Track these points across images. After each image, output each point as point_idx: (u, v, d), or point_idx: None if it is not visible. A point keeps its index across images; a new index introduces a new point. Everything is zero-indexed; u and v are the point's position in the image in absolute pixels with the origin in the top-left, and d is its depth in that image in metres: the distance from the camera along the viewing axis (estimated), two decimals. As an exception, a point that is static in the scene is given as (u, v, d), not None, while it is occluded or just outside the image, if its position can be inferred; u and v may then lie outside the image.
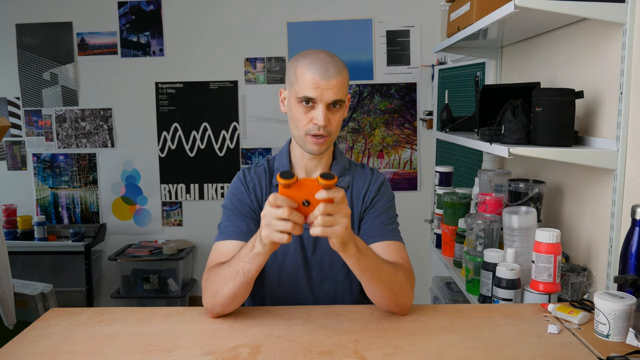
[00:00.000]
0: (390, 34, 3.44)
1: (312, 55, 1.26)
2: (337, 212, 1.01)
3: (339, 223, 1.01)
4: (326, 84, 1.23)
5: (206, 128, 3.58)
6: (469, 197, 2.00)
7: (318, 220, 1.00)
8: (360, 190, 1.38)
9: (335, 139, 1.33)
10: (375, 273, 1.14)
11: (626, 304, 1.07)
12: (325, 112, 1.24)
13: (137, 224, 3.69)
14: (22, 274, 3.20)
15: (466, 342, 1.08)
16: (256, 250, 1.09)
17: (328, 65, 1.24)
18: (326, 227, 1.01)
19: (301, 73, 1.25)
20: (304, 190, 1.01)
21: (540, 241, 1.32)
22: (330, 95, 1.24)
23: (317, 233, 1.01)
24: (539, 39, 1.83)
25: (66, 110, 3.61)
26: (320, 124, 1.24)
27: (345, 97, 1.29)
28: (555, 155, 1.37)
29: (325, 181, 0.98)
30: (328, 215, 1.01)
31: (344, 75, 1.28)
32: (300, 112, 1.26)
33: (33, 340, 1.11)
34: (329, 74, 1.23)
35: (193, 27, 3.51)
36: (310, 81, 1.23)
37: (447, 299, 2.23)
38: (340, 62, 1.28)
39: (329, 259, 1.36)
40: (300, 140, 1.30)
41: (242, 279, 1.13)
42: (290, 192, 1.01)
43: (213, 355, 1.03)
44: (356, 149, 3.56)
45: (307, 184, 1.01)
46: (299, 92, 1.25)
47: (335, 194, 1.00)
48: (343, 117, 1.32)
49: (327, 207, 1.00)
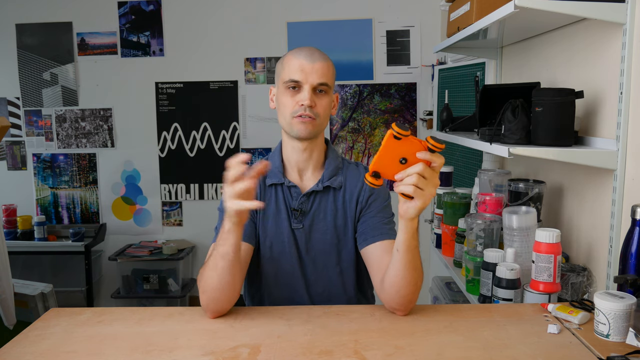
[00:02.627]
0: (390, 34, 3.44)
1: (297, 48, 1.34)
2: (431, 177, 1.01)
3: (429, 189, 1.02)
4: (311, 67, 1.28)
5: (206, 128, 3.58)
6: (469, 197, 2.00)
7: (412, 179, 1.00)
8: (354, 191, 1.38)
9: (322, 127, 1.34)
10: (415, 258, 1.15)
11: (626, 304, 1.07)
12: (310, 93, 1.28)
13: (137, 224, 3.69)
14: (22, 274, 3.19)
15: (466, 342, 1.08)
16: (227, 227, 1.11)
17: (313, 52, 1.31)
18: (417, 189, 1.01)
19: (288, 60, 1.31)
20: (406, 148, 1.01)
21: (540, 241, 1.32)
22: (315, 78, 1.28)
23: (406, 191, 1.01)
24: (539, 39, 1.83)
25: (66, 110, 3.61)
26: (306, 104, 1.27)
27: (331, 83, 1.32)
28: (555, 155, 1.37)
29: (435, 143, 0.98)
30: (422, 178, 1.01)
31: (330, 64, 1.32)
32: (287, 97, 1.30)
33: (33, 340, 1.11)
34: (314, 58, 1.29)
35: (193, 27, 3.51)
36: (296, 65, 1.28)
37: (447, 299, 2.23)
38: (326, 55, 1.33)
39: (322, 259, 1.37)
40: (287, 125, 1.32)
41: (222, 263, 1.14)
42: (395, 144, 1.01)
43: (213, 355, 1.03)
44: (356, 149, 3.56)
45: (415, 142, 1.01)
46: (285, 77, 1.30)
47: (438, 159, 1.01)
48: (330, 106, 1.34)
49: (426, 169, 1.00)
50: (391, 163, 1.02)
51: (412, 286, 1.17)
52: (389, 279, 1.19)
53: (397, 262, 1.16)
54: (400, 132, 0.99)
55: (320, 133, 1.36)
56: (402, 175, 1.02)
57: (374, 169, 1.04)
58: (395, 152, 1.01)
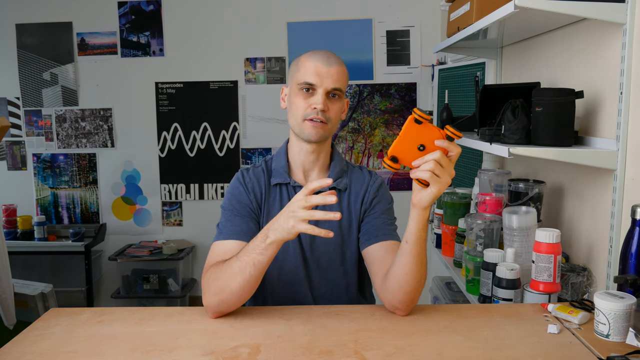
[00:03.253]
0: (390, 34, 3.44)
1: (315, 50, 1.33)
2: (448, 166, 1.03)
3: (445, 177, 1.03)
4: (327, 71, 1.27)
5: (206, 128, 3.58)
6: (469, 197, 2.00)
7: (429, 165, 1.02)
8: (359, 193, 1.38)
9: (332, 131, 1.35)
10: (424, 251, 1.16)
11: (626, 304, 1.07)
12: (324, 97, 1.28)
13: (137, 224, 3.69)
14: (22, 274, 3.19)
15: (466, 342, 1.08)
16: (270, 239, 1.11)
17: (329, 55, 1.30)
18: (434, 175, 1.03)
19: (303, 62, 1.30)
20: (429, 134, 1.03)
21: (540, 241, 1.32)
22: (330, 82, 1.28)
23: (422, 177, 1.03)
24: (539, 39, 1.83)
25: (66, 110, 3.61)
26: (319, 108, 1.27)
27: (344, 89, 1.32)
28: (555, 155, 1.37)
29: (454, 131, 1.01)
30: (439, 165, 1.02)
31: (344, 70, 1.33)
32: (300, 99, 1.30)
33: (33, 340, 1.11)
34: (331, 62, 1.29)
35: (193, 27, 3.51)
36: (312, 68, 1.28)
37: (447, 299, 2.23)
38: (341, 60, 1.34)
39: (326, 260, 1.36)
40: (298, 127, 1.31)
41: (252, 270, 1.13)
42: (415, 130, 1.03)
43: (213, 355, 1.03)
44: (356, 149, 3.56)
45: (433, 129, 1.03)
46: (300, 79, 1.29)
47: (455, 148, 1.03)
48: (341, 111, 1.34)
49: (443, 157, 1.02)
50: (409, 149, 1.04)
51: (417, 282, 1.17)
52: (393, 275, 1.19)
53: (405, 254, 1.15)
54: (422, 116, 1.01)
55: (329, 137, 1.36)
56: (419, 162, 1.03)
57: (393, 153, 1.06)
58: (415, 138, 1.03)
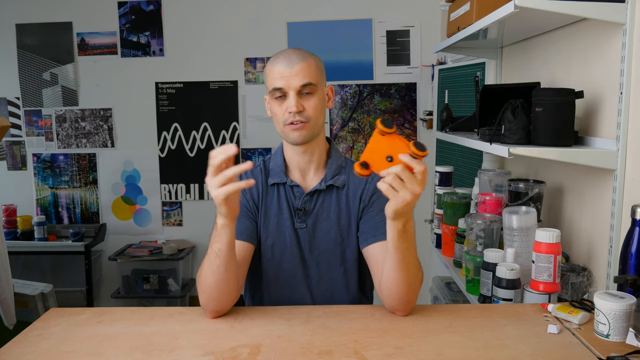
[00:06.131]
0: (390, 34, 3.44)
1: (277, 53, 1.32)
2: (409, 182, 1.02)
3: (404, 193, 1.02)
4: (289, 72, 1.27)
5: (206, 128, 3.58)
6: (469, 197, 2.00)
7: (389, 178, 1.02)
8: (357, 189, 1.38)
9: (318, 127, 1.33)
10: (406, 259, 1.15)
11: (626, 304, 1.07)
12: (296, 98, 1.27)
13: (137, 224, 3.69)
14: (22, 274, 3.20)
15: (466, 342, 1.08)
16: (219, 223, 1.12)
17: (290, 56, 1.29)
18: (391, 189, 1.03)
19: (269, 69, 1.31)
20: (394, 146, 1.03)
21: (540, 241, 1.32)
22: (296, 81, 1.27)
23: (382, 189, 1.04)
24: (539, 39, 1.83)
25: (66, 110, 3.61)
26: (292, 110, 1.27)
27: (316, 81, 1.29)
28: (555, 155, 1.37)
29: (415, 149, 1.01)
30: (399, 180, 1.02)
31: (310, 62, 1.30)
32: (276, 106, 1.30)
33: (33, 340, 1.11)
34: (292, 63, 1.27)
35: (193, 27, 3.51)
36: (276, 72, 1.28)
37: (447, 299, 2.23)
38: (305, 52, 1.32)
39: (325, 258, 1.36)
40: (283, 133, 1.32)
41: (218, 261, 1.14)
42: (382, 141, 1.04)
43: (213, 355, 1.03)
44: (356, 149, 3.56)
45: (399, 142, 1.03)
46: (270, 87, 1.30)
47: (417, 165, 1.02)
48: (323, 103, 1.32)
49: (404, 172, 1.02)
50: (379, 158, 1.05)
51: (406, 286, 1.17)
52: (384, 279, 1.20)
53: (388, 261, 1.17)
54: (384, 130, 1.02)
55: (318, 134, 1.34)
56: (384, 173, 1.04)
57: (363, 159, 1.08)
58: (382, 148, 1.04)
